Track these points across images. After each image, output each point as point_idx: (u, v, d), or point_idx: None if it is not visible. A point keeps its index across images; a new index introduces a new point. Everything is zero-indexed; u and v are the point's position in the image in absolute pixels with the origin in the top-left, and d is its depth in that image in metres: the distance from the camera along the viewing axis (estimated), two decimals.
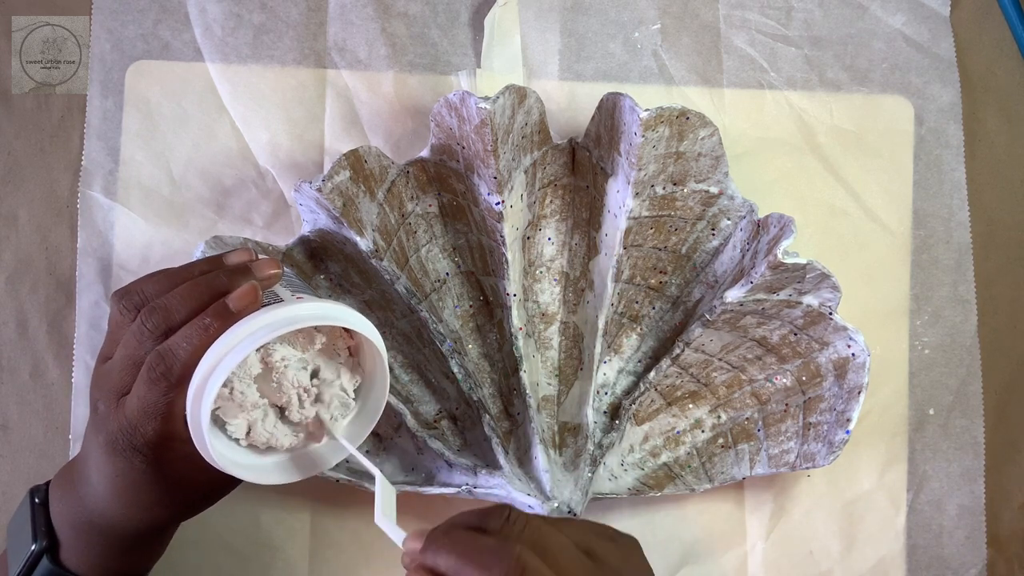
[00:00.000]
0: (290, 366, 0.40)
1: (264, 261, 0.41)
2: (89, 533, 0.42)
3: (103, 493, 0.41)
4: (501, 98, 0.47)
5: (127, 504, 0.41)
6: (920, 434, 0.54)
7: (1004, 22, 0.56)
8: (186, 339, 0.38)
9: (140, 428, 0.38)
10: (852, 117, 0.55)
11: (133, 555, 0.43)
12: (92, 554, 0.42)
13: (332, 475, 0.48)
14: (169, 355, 0.38)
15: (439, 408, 0.53)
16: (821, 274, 0.46)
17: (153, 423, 0.38)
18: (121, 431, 0.39)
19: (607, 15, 0.55)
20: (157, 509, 0.41)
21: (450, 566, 0.33)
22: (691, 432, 0.53)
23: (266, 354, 0.40)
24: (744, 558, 0.54)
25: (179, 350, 0.38)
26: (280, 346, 0.40)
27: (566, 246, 0.53)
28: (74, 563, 0.42)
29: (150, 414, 0.38)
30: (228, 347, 0.37)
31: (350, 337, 0.42)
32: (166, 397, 0.38)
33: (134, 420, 0.38)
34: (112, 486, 0.40)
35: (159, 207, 0.54)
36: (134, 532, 0.42)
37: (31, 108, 0.54)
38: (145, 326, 0.39)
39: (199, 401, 0.37)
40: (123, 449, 0.39)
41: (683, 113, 0.48)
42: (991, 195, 0.56)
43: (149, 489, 0.40)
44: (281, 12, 0.54)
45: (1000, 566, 0.54)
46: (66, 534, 0.42)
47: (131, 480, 0.40)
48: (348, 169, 0.47)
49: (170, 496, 0.41)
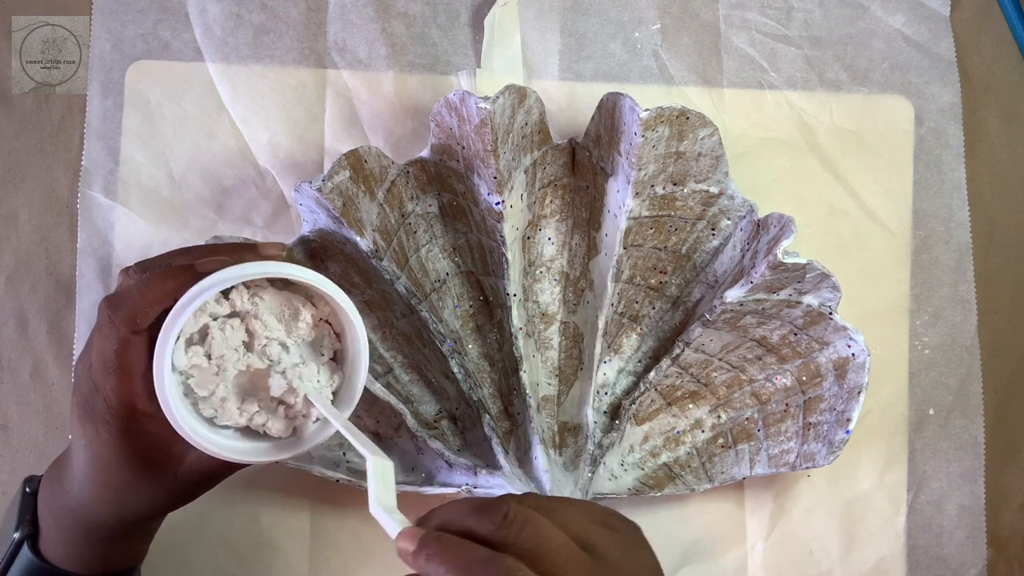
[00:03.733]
0: (272, 333, 0.40)
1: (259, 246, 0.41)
2: (65, 521, 0.41)
3: (77, 473, 0.40)
4: (501, 98, 0.47)
5: (97, 484, 0.40)
6: (920, 434, 0.54)
7: (1004, 22, 0.56)
8: (141, 285, 0.37)
9: (101, 387, 0.38)
10: (852, 117, 0.55)
11: (106, 547, 0.42)
12: (67, 542, 0.42)
13: (332, 475, 0.48)
14: (118, 298, 0.37)
15: (439, 408, 0.53)
16: (821, 274, 0.46)
17: (111, 380, 0.37)
18: (89, 392, 0.38)
19: (607, 15, 0.55)
20: (126, 494, 0.40)
21: (440, 574, 0.32)
22: (691, 432, 0.53)
23: (249, 322, 0.40)
24: (744, 558, 0.54)
25: (131, 293, 0.37)
26: (266, 316, 0.40)
27: (566, 246, 0.53)
28: (51, 552, 0.42)
29: (107, 368, 0.37)
30: (195, 293, 0.37)
31: (332, 323, 0.42)
32: (115, 342, 0.37)
33: (96, 378, 0.38)
34: (84, 461, 0.40)
35: (159, 207, 0.54)
36: (106, 521, 0.41)
37: (31, 108, 0.54)
38: (119, 278, 0.39)
39: (163, 345, 0.36)
40: (91, 413, 0.38)
41: (683, 113, 0.48)
42: (991, 195, 0.56)
43: (118, 468, 0.39)
44: (281, 12, 0.54)
45: (1000, 566, 0.54)
46: (46, 522, 0.42)
47: (99, 453, 0.39)
48: (348, 169, 0.47)
49: (139, 482, 0.40)
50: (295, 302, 0.41)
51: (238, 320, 0.40)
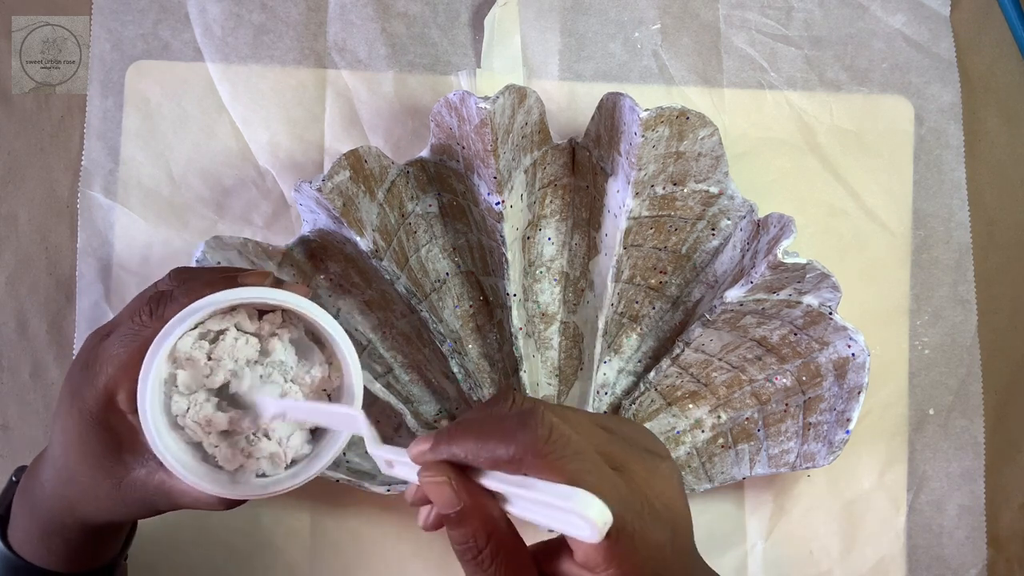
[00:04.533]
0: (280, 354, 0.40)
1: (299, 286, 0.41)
2: (29, 509, 0.42)
3: (47, 458, 0.40)
4: (501, 98, 0.47)
5: (57, 469, 0.40)
6: (920, 434, 0.54)
7: (1004, 22, 0.56)
8: (187, 291, 0.38)
9: (99, 366, 0.38)
10: (852, 117, 0.55)
11: (58, 541, 0.42)
12: (27, 530, 0.42)
13: (332, 475, 0.48)
14: (166, 297, 0.38)
15: (439, 408, 0.53)
16: (821, 274, 0.46)
17: (111, 365, 0.37)
18: (85, 365, 0.38)
19: (607, 15, 0.55)
20: (77, 485, 0.40)
21: (469, 449, 0.30)
22: (691, 432, 0.53)
23: (265, 341, 0.40)
24: (744, 558, 0.54)
25: (177, 295, 0.37)
26: (283, 343, 0.40)
27: (566, 246, 0.53)
28: (16, 540, 0.42)
29: (116, 354, 0.37)
30: (197, 307, 0.37)
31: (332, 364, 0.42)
32: (139, 336, 0.37)
33: (100, 355, 0.38)
34: (54, 442, 0.40)
35: (159, 207, 0.54)
36: (61, 516, 0.41)
37: (31, 108, 0.54)
38: (168, 276, 0.40)
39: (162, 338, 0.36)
40: (76, 387, 0.38)
41: (683, 113, 0.48)
42: (991, 195, 0.56)
43: (76, 452, 0.39)
44: (281, 12, 0.54)
45: (1000, 566, 0.54)
46: (17, 510, 0.42)
47: (66, 428, 0.39)
48: (348, 169, 0.47)
49: (90, 475, 0.39)
50: (315, 357, 0.41)
51: (256, 339, 0.40)
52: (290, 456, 0.40)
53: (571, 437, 0.30)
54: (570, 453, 0.30)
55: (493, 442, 0.30)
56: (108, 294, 0.53)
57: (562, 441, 0.30)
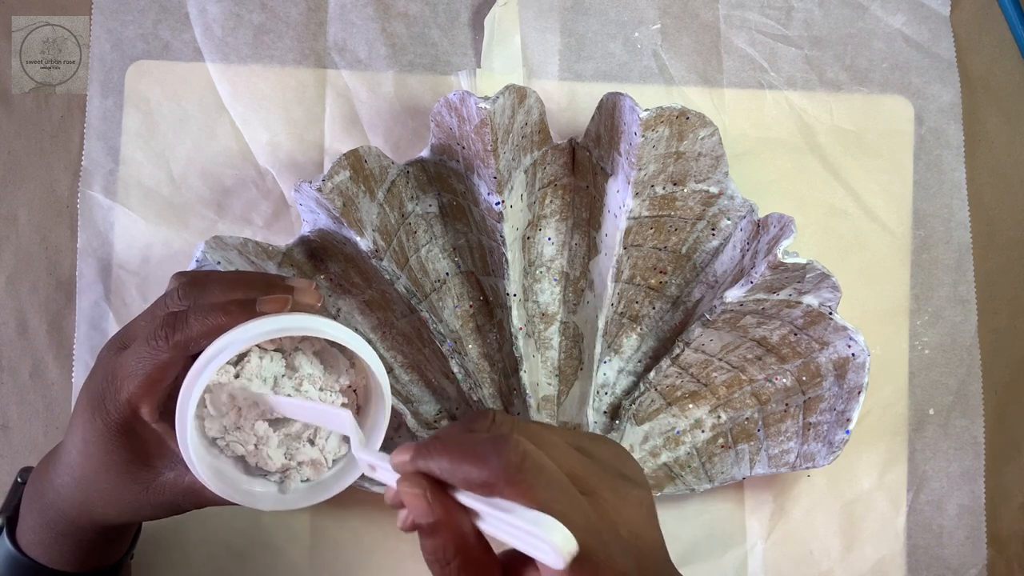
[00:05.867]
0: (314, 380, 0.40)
1: (307, 287, 0.41)
2: (40, 510, 0.42)
3: (62, 462, 0.41)
4: (501, 98, 0.47)
5: (75, 475, 0.40)
6: (920, 434, 0.54)
7: (1004, 22, 0.56)
8: (201, 315, 0.38)
9: (120, 382, 0.38)
10: (852, 117, 0.55)
11: (71, 542, 0.42)
12: (37, 531, 0.42)
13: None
14: (181, 321, 0.38)
15: (439, 408, 0.53)
16: (821, 274, 0.46)
17: (132, 382, 0.38)
18: (105, 378, 0.39)
19: (607, 15, 0.55)
20: (98, 489, 0.40)
21: (444, 468, 0.31)
22: (691, 432, 0.53)
23: (288, 356, 0.40)
24: (744, 558, 0.54)
25: (192, 321, 0.38)
26: (307, 356, 0.40)
27: (566, 246, 0.53)
28: (24, 541, 0.42)
29: (135, 371, 0.38)
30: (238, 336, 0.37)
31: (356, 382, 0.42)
32: (156, 359, 0.37)
33: (119, 371, 0.38)
34: (71, 448, 0.40)
35: (159, 207, 0.54)
36: (77, 517, 0.41)
37: (31, 108, 0.54)
38: (178, 292, 0.39)
39: (195, 378, 0.36)
40: (96, 400, 0.39)
41: (683, 113, 0.48)
42: (991, 195, 0.56)
43: (99, 461, 0.39)
44: (281, 12, 0.54)
45: (1000, 566, 0.54)
46: (26, 511, 0.42)
47: (87, 439, 0.39)
48: (348, 169, 0.47)
49: (114, 480, 0.40)
50: (340, 364, 0.41)
51: (279, 354, 0.40)
52: (330, 459, 0.41)
53: (543, 465, 0.31)
54: (541, 482, 0.30)
55: (467, 465, 0.31)
56: (108, 294, 0.53)
57: (534, 469, 0.30)
